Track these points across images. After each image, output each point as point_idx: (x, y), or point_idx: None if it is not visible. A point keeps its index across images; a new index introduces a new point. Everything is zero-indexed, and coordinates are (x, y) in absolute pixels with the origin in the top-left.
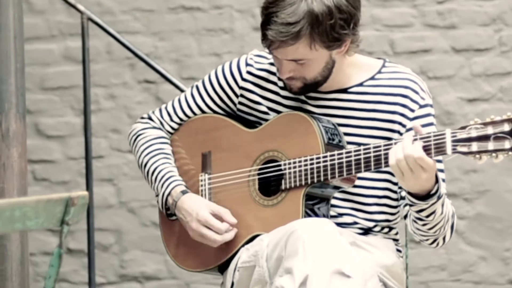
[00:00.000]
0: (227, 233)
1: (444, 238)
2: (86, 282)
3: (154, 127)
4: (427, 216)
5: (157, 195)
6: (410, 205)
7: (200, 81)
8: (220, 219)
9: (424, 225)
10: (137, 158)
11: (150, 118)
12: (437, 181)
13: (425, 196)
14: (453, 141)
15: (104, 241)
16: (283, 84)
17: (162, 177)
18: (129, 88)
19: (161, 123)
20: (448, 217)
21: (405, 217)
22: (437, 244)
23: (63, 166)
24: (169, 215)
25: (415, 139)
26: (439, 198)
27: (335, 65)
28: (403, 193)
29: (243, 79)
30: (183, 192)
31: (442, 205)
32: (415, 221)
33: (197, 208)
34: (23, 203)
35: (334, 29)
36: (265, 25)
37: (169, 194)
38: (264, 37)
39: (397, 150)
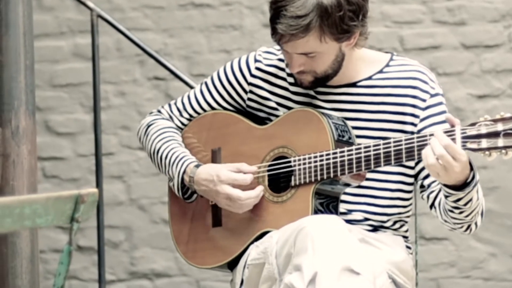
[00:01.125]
0: (251, 190)
1: (476, 223)
2: (96, 279)
3: (164, 118)
4: (465, 204)
5: (171, 180)
6: (446, 196)
7: (209, 78)
8: (241, 172)
9: (461, 213)
10: (149, 146)
11: (159, 112)
12: (471, 168)
13: (461, 186)
14: (463, 137)
15: (114, 238)
16: (293, 79)
17: (176, 158)
18: (139, 85)
19: (171, 117)
20: (482, 203)
21: (431, 206)
22: (470, 230)
23: (73, 163)
24: (186, 198)
25: (431, 135)
26: (475, 185)
27: (345, 58)
28: (426, 182)
29: (252, 75)
30: (197, 166)
31: (477, 191)
32: (451, 211)
33: (216, 172)
34: (33, 200)
35: (344, 21)
36: (274, 19)
37: (184, 172)
38: (274, 31)
39: (434, 147)
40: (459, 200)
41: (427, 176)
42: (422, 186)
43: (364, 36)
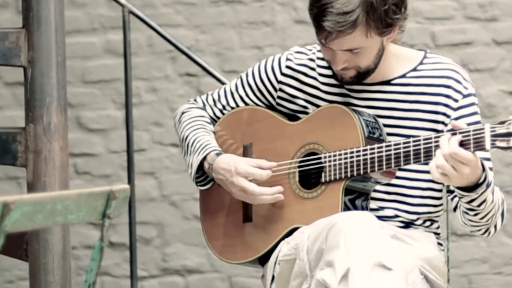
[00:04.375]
0: (270, 188)
1: (495, 226)
2: (128, 276)
3: (199, 107)
4: (479, 206)
5: (190, 167)
6: (460, 197)
7: (244, 73)
8: (260, 168)
9: (475, 215)
10: (180, 133)
11: (195, 101)
12: (483, 169)
13: (473, 187)
14: (492, 136)
15: (146, 234)
16: (324, 79)
17: (200, 145)
18: (171, 81)
19: (204, 105)
20: (498, 205)
21: (455, 209)
22: (489, 233)
23: (104, 160)
24: (201, 184)
25: (454, 133)
26: (488, 186)
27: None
28: (452, 187)
29: (282, 74)
30: (218, 154)
31: (492, 193)
32: (466, 213)
33: (234, 163)
34: (64, 196)
35: (388, 14)
36: (320, 17)
37: (204, 158)
38: (320, 29)
39: (436, 157)
40: (472, 201)
41: None
42: (448, 190)
43: (401, 29)
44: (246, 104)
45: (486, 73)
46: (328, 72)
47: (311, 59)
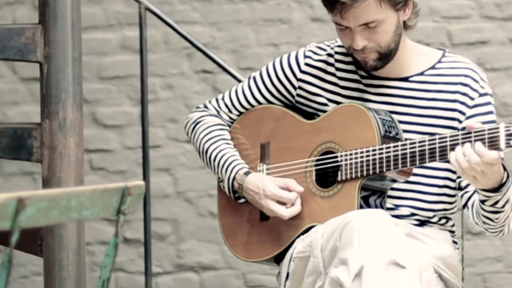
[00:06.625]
0: (293, 206)
1: (509, 226)
2: (142, 272)
3: (211, 115)
4: (503, 206)
5: (221, 181)
6: (484, 201)
7: (257, 73)
8: (288, 190)
9: (497, 218)
10: (197, 145)
11: (206, 107)
12: (504, 168)
13: (497, 188)
14: (507, 135)
15: (160, 230)
16: (342, 74)
17: (225, 162)
18: (187, 78)
19: (218, 112)
20: None
21: (464, 206)
22: (502, 234)
23: (120, 156)
24: (237, 198)
25: (469, 135)
26: (510, 185)
27: (400, 41)
28: (463, 184)
29: (302, 71)
30: (246, 174)
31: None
32: (488, 217)
33: (263, 185)
34: (79, 192)
35: None
36: None
37: (234, 178)
38: (335, 4)
39: (461, 162)
40: (496, 202)
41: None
42: (459, 187)
43: (416, 13)
44: (262, 104)
45: (502, 72)
46: (347, 67)
47: (329, 54)
